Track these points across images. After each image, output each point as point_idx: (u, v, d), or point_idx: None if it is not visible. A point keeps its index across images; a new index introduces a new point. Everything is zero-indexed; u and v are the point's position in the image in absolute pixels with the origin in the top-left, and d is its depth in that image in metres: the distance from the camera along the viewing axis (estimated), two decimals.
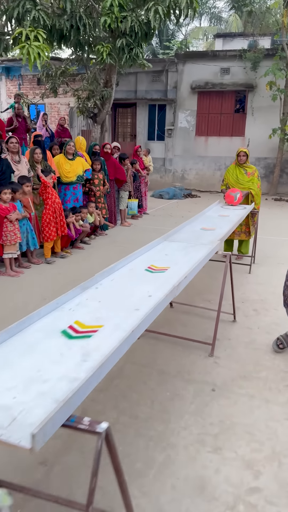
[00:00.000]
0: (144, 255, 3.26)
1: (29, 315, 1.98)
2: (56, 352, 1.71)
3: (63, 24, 6.14)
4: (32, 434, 1.15)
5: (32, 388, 1.45)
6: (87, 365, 1.61)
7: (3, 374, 1.53)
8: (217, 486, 2.10)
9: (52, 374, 1.54)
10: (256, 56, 13.53)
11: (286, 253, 6.77)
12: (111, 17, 5.87)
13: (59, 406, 1.27)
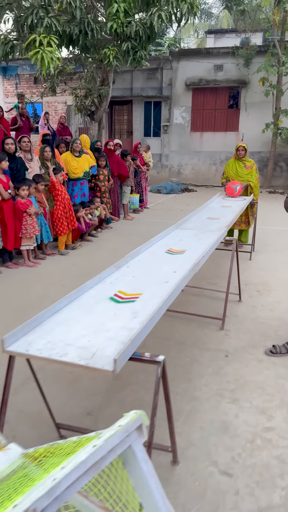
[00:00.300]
0: (161, 241, 3.67)
1: (79, 287, 2.38)
2: (110, 312, 2.11)
3: (73, 30, 6.50)
4: (114, 359, 1.56)
5: (100, 335, 1.85)
6: (137, 319, 2.02)
7: (74, 327, 1.94)
8: (237, 427, 2.53)
9: (112, 326, 1.95)
10: (249, 53, 13.94)
11: (282, 242, 7.22)
12: (117, 22, 6.25)
13: (127, 344, 1.68)
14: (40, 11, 6.02)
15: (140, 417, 0.99)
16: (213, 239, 3.63)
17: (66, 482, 0.82)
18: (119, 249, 6.71)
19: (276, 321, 4.04)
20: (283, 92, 13.35)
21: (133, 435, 0.96)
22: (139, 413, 1.00)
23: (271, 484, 2.10)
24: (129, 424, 0.95)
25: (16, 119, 9.76)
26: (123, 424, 0.95)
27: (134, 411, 1.00)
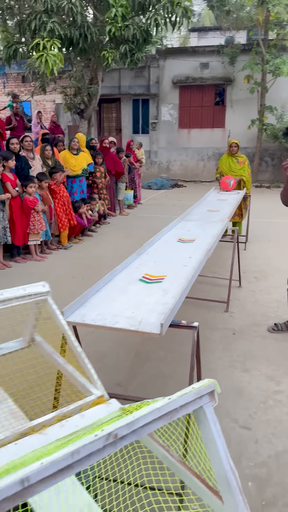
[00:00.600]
0: (171, 231, 3.99)
1: (109, 272, 2.69)
2: (143, 291, 2.43)
3: (73, 33, 6.75)
4: (161, 323, 1.88)
5: (141, 308, 2.17)
6: (169, 296, 2.34)
7: (116, 302, 2.25)
8: (251, 391, 2.88)
9: (148, 301, 2.27)
10: (233, 51, 14.32)
11: (273, 233, 7.62)
12: (115, 26, 6.52)
13: (168, 313, 2.00)
14: (43, 16, 6.26)
15: (213, 384, 1.12)
16: (218, 229, 3.97)
17: (142, 420, 1.02)
18: (119, 243, 7.03)
19: (274, 303, 4.41)
20: (268, 89, 13.77)
21: (205, 398, 1.10)
22: (212, 381, 1.12)
23: (284, 434, 2.46)
24: (202, 388, 1.10)
25: (11, 119, 9.94)
26: (196, 387, 1.11)
27: (208, 379, 1.15)
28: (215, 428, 1.12)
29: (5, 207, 5.45)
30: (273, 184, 14.43)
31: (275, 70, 12.90)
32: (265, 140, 14.46)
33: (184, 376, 3.01)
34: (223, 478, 1.09)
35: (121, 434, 0.97)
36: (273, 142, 14.24)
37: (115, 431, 0.96)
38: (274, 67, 12.82)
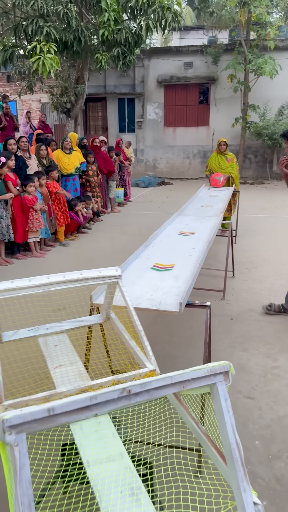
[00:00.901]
0: (170, 226, 4.27)
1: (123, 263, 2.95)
2: (156, 277, 2.71)
3: (68, 37, 6.95)
4: (180, 303, 2.16)
5: (158, 291, 2.45)
6: (181, 281, 2.62)
7: (134, 287, 2.52)
8: (251, 367, 3.19)
9: (164, 286, 2.55)
10: (217, 51, 14.68)
11: (259, 227, 7.99)
12: (108, 30, 6.75)
13: (184, 294, 2.28)
14: (39, 21, 6.45)
15: (228, 366, 1.26)
16: (214, 222, 4.28)
17: (155, 383, 1.21)
18: (114, 239, 7.29)
19: (266, 291, 4.74)
20: (250, 88, 14.17)
21: (219, 377, 1.25)
22: (227, 363, 1.26)
23: (284, 402, 2.77)
24: (215, 367, 1.25)
25: (1, 119, 10.06)
26: (210, 366, 1.27)
27: (224, 361, 1.30)
28: (225, 404, 1.25)
29: (8, 205, 5.64)
30: (256, 180, 14.86)
31: (257, 69, 13.30)
32: (248, 137, 14.88)
33: (191, 356, 3.32)
34: (228, 448, 1.23)
35: (134, 391, 1.17)
36: (256, 139, 14.67)
37: (129, 387, 1.17)
38: (257, 66, 13.22)
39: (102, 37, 6.88)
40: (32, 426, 1.06)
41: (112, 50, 7.34)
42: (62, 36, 6.85)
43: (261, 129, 14.17)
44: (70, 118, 12.45)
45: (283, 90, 14.53)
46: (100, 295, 2.37)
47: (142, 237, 7.26)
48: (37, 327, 2.12)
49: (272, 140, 14.01)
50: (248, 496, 1.19)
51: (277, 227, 8.03)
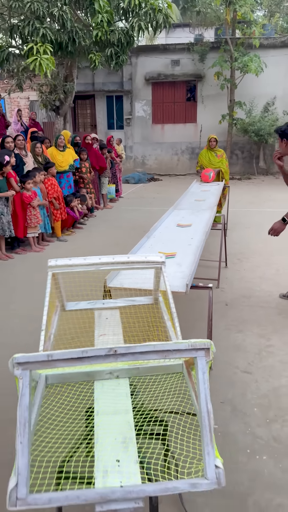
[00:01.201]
0: (168, 219, 4.53)
1: (130, 251, 3.20)
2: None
3: (63, 38, 7.13)
4: (186, 284, 2.42)
5: None
6: (183, 267, 2.89)
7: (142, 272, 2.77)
8: (246, 346, 3.47)
9: (169, 271, 2.80)
10: (203, 49, 14.94)
11: (248, 220, 8.31)
12: (101, 31, 6.96)
13: (189, 277, 2.55)
14: (35, 22, 6.62)
15: (208, 343, 1.38)
16: (208, 215, 4.55)
17: (139, 348, 1.38)
18: (110, 233, 7.52)
19: (257, 279, 5.04)
20: (237, 85, 14.47)
21: (200, 352, 1.37)
22: (208, 341, 1.37)
23: (278, 375, 3.06)
24: (196, 343, 1.37)
25: None
26: (192, 341, 1.41)
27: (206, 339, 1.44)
28: (202, 377, 1.36)
29: (8, 202, 5.83)
30: (244, 176, 15.20)
31: (243, 67, 13.60)
32: (235, 134, 15.19)
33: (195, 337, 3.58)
34: (199, 415, 1.35)
35: (120, 351, 1.35)
36: (243, 136, 14.99)
37: (115, 348, 1.36)
38: (242, 64, 13.51)
39: (95, 38, 7.09)
40: (34, 366, 1.32)
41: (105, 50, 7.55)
42: (57, 37, 7.04)
43: (247, 126, 14.49)
44: (59, 116, 12.60)
45: (268, 87, 14.87)
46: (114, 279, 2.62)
47: (136, 232, 7.51)
48: (95, 301, 2.37)
49: (258, 136, 14.35)
50: (211, 459, 1.29)
51: (265, 220, 8.31)
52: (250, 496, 2.06)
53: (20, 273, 5.48)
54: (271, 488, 2.10)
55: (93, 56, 7.55)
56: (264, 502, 2.03)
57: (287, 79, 14.89)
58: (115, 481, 1.31)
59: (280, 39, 15.07)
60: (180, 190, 12.59)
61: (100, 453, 1.48)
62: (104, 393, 1.85)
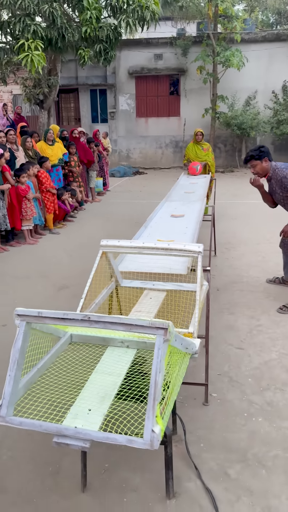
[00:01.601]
0: (161, 210, 4.78)
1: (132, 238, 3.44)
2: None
3: (53, 34, 7.24)
4: (188, 267, 2.68)
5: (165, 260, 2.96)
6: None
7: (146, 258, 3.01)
8: (238, 326, 3.77)
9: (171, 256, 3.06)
10: (186, 43, 15.14)
11: (234, 212, 8.62)
12: (90, 27, 7.09)
13: (189, 261, 2.80)
14: (26, 19, 6.71)
15: (167, 323, 1.53)
16: (199, 206, 4.82)
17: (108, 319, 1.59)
18: (101, 226, 7.73)
19: (245, 266, 5.35)
20: (219, 79, 14.75)
21: (160, 331, 1.54)
22: (168, 322, 1.53)
23: (268, 350, 3.36)
24: (155, 321, 1.54)
25: None
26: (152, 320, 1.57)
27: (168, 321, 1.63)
28: (157, 353, 1.54)
29: (4, 196, 5.98)
30: (227, 169, 15.54)
31: (225, 61, 13.86)
32: (218, 127, 15.48)
33: None
34: (150, 385, 1.54)
35: (93, 319, 1.61)
36: (226, 129, 15.30)
37: (89, 315, 1.62)
38: (225, 58, 13.77)
39: (85, 34, 7.23)
40: (29, 319, 1.68)
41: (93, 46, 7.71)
42: (48, 34, 7.16)
43: (230, 119, 14.80)
44: (43, 110, 12.65)
45: (249, 82, 15.20)
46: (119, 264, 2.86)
47: (126, 224, 7.75)
48: (147, 281, 2.61)
49: (241, 130, 14.68)
50: (150, 423, 1.49)
51: (250, 211, 8.67)
52: (249, 450, 2.35)
53: (16, 265, 5.65)
54: (267, 443, 2.40)
55: (82, 52, 7.69)
56: (262, 454, 2.32)
57: (268, 74, 15.24)
58: (76, 423, 1.60)
59: (261, 34, 15.40)
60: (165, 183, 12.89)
61: (80, 401, 1.77)
62: (110, 357, 2.12)
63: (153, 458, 2.30)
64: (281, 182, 3.92)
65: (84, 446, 1.53)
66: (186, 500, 2.05)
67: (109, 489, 2.12)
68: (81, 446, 1.53)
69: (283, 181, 3.87)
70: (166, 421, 1.64)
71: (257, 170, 4.00)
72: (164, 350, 1.57)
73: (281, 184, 3.93)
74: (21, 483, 2.18)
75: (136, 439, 1.51)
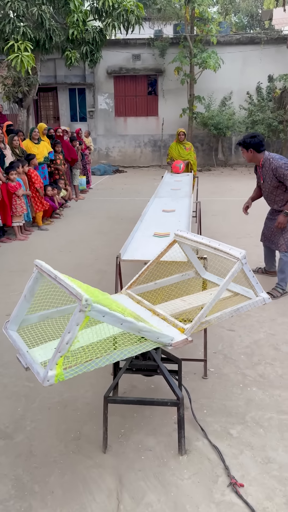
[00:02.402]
0: (152, 206, 5.05)
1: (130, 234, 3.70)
2: (160, 241, 3.49)
3: (41, 35, 7.38)
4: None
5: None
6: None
7: (148, 248, 3.29)
8: None
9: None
10: (163, 44, 15.46)
11: (214, 208, 9.00)
12: (77, 30, 7.28)
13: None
14: (16, 21, 6.84)
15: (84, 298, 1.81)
16: (188, 201, 5.13)
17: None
18: (87, 223, 7.95)
19: None
20: (196, 80, 15.14)
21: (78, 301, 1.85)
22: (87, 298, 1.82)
23: (257, 331, 3.70)
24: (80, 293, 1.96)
25: None
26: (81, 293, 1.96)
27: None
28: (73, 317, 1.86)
29: None
30: (204, 167, 15.96)
31: (201, 63, 14.26)
32: (195, 127, 15.88)
33: None
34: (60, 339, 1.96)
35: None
36: (203, 129, 15.72)
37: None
38: (201, 60, 14.17)
39: (72, 36, 7.41)
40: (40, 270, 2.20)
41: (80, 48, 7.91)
42: (36, 35, 7.30)
43: (207, 119, 15.22)
44: (23, 108, 12.70)
45: (225, 83, 15.65)
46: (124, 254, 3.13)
47: (113, 221, 8.00)
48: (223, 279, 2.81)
49: (217, 130, 15.12)
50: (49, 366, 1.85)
51: (228, 208, 9.07)
52: (247, 414, 2.66)
53: (8, 260, 5.82)
54: (262, 408, 2.72)
55: (69, 53, 7.88)
56: (258, 417, 2.64)
57: (243, 75, 15.74)
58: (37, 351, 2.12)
59: (235, 37, 15.89)
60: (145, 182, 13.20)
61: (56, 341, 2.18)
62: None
63: (164, 424, 2.58)
64: (273, 171, 4.23)
65: (25, 367, 2.03)
66: (196, 455, 2.34)
67: (127, 450, 2.39)
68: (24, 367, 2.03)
69: (279, 170, 4.17)
70: (71, 373, 1.90)
71: (244, 156, 4.36)
72: (78, 317, 1.84)
73: (273, 173, 4.24)
74: (46, 448, 2.42)
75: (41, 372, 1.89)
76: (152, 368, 2.46)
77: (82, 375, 3.11)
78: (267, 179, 4.38)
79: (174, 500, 2.06)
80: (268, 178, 4.36)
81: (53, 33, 7.49)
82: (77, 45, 7.87)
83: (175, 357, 2.68)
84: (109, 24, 7.53)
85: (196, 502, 2.05)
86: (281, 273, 4.47)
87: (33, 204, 7.33)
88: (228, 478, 2.17)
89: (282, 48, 15.25)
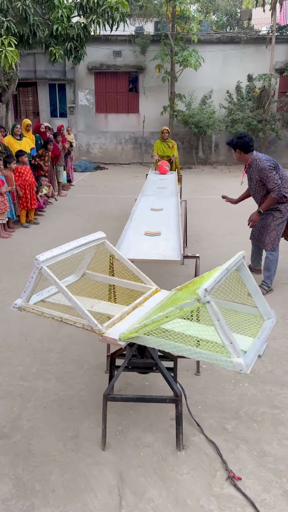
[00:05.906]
0: (140, 204, 5.08)
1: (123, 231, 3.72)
2: (152, 240, 3.52)
3: (25, 31, 7.26)
4: (182, 253, 3.02)
5: (158, 248, 3.27)
6: (170, 242, 3.47)
7: (140, 247, 3.32)
8: None
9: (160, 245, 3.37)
10: (144, 41, 15.44)
11: (196, 207, 9.08)
12: (61, 25, 7.20)
13: (181, 250, 3.15)
14: (0, 15, 6.71)
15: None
16: (175, 200, 5.18)
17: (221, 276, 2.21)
18: (72, 220, 7.91)
19: (214, 256, 5.79)
20: (177, 78, 15.21)
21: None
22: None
23: None
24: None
25: None
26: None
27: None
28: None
29: None
30: (184, 165, 16.05)
31: (183, 61, 14.32)
32: (176, 125, 15.96)
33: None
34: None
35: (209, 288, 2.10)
36: (184, 127, 15.81)
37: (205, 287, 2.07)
38: (182, 58, 14.23)
39: (56, 32, 7.34)
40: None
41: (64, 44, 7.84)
42: (20, 30, 7.19)
43: (187, 117, 15.31)
44: (2, 103, 12.49)
45: (205, 81, 15.78)
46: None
47: (96, 218, 7.99)
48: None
49: (198, 128, 15.24)
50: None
51: (211, 206, 9.18)
52: (240, 409, 2.73)
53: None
54: (255, 403, 2.80)
55: (53, 49, 7.80)
56: (252, 411, 2.71)
57: (222, 74, 15.90)
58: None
59: (216, 36, 16.02)
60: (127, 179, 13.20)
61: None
62: None
63: (160, 420, 2.63)
64: (258, 172, 4.34)
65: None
66: (194, 450, 2.39)
67: (126, 447, 2.42)
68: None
69: (263, 172, 4.29)
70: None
71: (233, 155, 4.46)
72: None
73: (258, 173, 4.35)
74: (45, 447, 2.43)
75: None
76: (149, 365, 2.49)
77: (76, 374, 3.12)
78: (253, 179, 4.47)
79: (175, 494, 2.11)
80: (254, 178, 4.46)
81: (37, 28, 7.40)
82: (61, 41, 7.80)
83: (171, 354, 2.72)
84: (94, 20, 7.49)
85: (196, 496, 2.10)
86: (267, 271, 4.58)
87: (19, 201, 7.24)
88: (226, 472, 2.24)
89: (261, 48, 15.48)
